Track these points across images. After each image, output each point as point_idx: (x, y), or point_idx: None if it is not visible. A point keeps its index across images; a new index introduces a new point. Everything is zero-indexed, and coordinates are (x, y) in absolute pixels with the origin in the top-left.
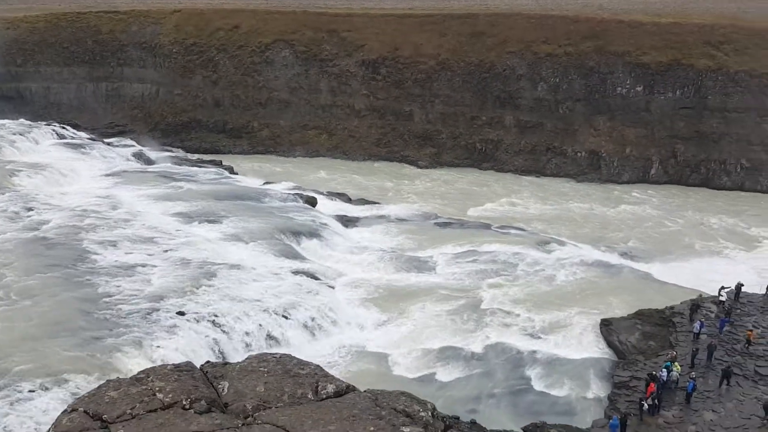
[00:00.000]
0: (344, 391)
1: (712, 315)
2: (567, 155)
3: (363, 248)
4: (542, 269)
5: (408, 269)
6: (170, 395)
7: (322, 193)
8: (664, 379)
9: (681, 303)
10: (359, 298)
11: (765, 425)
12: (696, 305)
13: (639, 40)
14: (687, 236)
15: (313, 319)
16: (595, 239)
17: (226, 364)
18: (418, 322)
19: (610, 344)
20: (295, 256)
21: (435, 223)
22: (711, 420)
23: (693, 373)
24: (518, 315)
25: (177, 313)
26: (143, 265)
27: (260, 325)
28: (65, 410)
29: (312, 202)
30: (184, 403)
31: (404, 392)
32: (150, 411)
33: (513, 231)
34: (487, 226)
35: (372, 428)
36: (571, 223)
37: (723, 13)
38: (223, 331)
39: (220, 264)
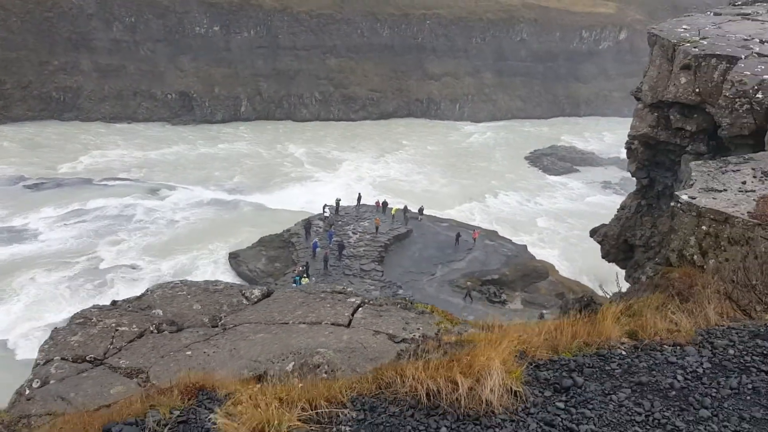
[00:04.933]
0: (268, 293)
1: (321, 230)
2: (157, 98)
3: None
4: (160, 216)
5: (3, 242)
6: (133, 326)
7: None
8: None
9: (295, 224)
10: None
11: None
12: (309, 224)
13: None
14: (282, 166)
15: None
16: (203, 179)
17: (141, 296)
18: (31, 297)
19: (240, 274)
20: None
21: (24, 186)
22: None
23: (314, 280)
24: (144, 267)
25: None
26: None
27: None
28: (37, 363)
29: None
30: (151, 329)
31: (316, 283)
32: (130, 341)
33: (118, 182)
34: (88, 181)
35: (329, 305)
36: (175, 166)
37: None
38: None
39: None
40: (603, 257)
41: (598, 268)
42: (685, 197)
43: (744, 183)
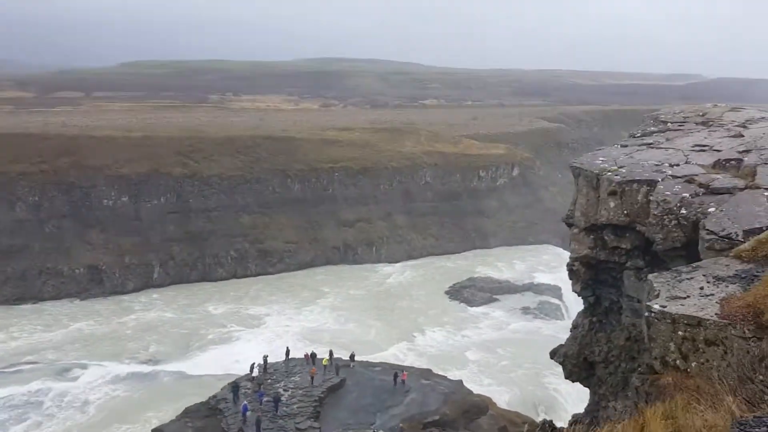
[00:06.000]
0: None
1: (250, 391)
2: (65, 274)
3: None
4: (73, 399)
5: None
6: None
7: None
8: None
9: (221, 389)
10: None
11: None
12: (236, 386)
13: (115, 154)
14: (201, 329)
15: None
16: (117, 354)
17: None
18: None
19: None
20: None
21: None
22: None
23: None
24: None
25: None
26: None
27: None
28: None
29: None
30: None
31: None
32: None
33: (24, 367)
34: None
35: None
36: (86, 343)
37: (186, 126)
38: None
39: None
40: (566, 378)
41: (533, 395)
42: (656, 307)
43: (702, 288)
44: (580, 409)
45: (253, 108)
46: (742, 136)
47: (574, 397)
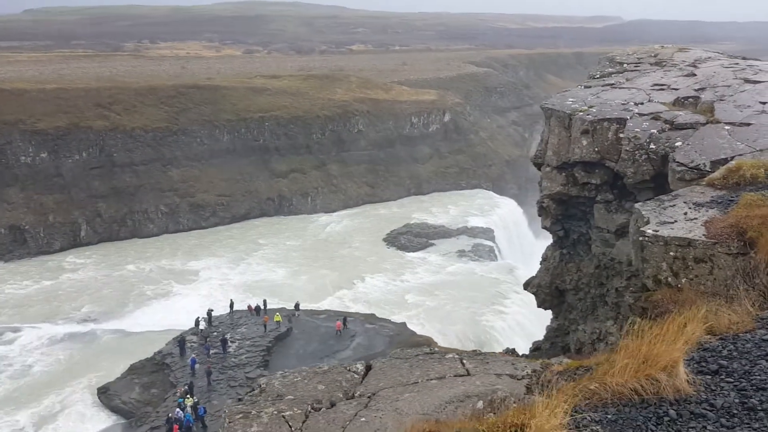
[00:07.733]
0: (369, 365)
1: (196, 344)
2: None
3: None
4: (9, 363)
5: None
6: (294, 408)
7: None
8: (181, 416)
9: (166, 344)
10: None
11: None
12: (182, 340)
13: (30, 108)
14: (137, 286)
15: None
16: (51, 315)
17: (263, 390)
18: None
19: (114, 409)
20: None
21: None
22: None
23: (197, 399)
24: None
25: None
26: None
27: None
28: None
29: None
30: (309, 409)
31: (416, 348)
32: (303, 422)
33: None
34: None
35: (437, 363)
36: (16, 306)
37: (104, 77)
38: None
39: None
40: (538, 306)
41: (471, 332)
42: (650, 231)
43: (686, 214)
44: (515, 344)
45: (173, 56)
46: (695, 75)
47: (509, 333)
